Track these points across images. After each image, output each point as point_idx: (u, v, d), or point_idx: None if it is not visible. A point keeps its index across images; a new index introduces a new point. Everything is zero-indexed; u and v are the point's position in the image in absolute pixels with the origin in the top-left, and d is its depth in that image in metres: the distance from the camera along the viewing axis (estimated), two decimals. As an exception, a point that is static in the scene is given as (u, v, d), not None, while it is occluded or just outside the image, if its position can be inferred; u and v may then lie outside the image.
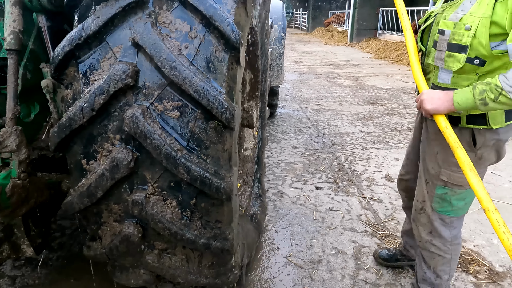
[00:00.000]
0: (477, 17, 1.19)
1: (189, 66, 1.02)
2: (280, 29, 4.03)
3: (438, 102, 1.27)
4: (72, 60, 1.10)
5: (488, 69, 1.25)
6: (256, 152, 2.52)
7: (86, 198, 1.11)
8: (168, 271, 1.26)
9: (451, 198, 1.48)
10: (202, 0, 1.06)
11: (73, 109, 1.06)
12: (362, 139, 4.26)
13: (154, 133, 1.00)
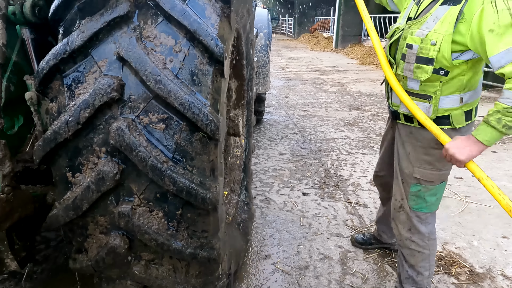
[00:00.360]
0: (441, 34, 1.35)
1: (174, 80, 1.05)
2: (265, 37, 4.10)
3: (468, 152, 1.35)
4: (57, 74, 1.11)
5: (450, 77, 1.42)
6: (243, 160, 2.55)
7: (71, 211, 1.12)
8: (155, 282, 1.27)
9: (425, 194, 1.62)
10: (186, 15, 1.10)
11: (58, 122, 1.07)
12: (347, 145, 4.34)
13: (139, 146, 1.02)
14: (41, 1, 1.38)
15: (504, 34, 1.20)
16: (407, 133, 1.63)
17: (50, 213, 1.19)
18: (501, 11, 1.21)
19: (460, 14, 1.31)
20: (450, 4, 1.35)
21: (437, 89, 1.45)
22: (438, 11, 1.39)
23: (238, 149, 2.64)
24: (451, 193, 3.09)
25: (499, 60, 1.23)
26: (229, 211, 2.18)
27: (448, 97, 1.46)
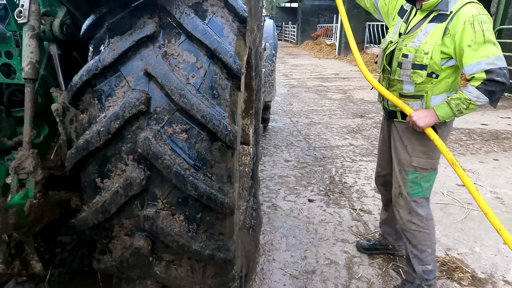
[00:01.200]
0: (431, 45, 1.69)
1: (196, 94, 1.15)
2: (271, 47, 4.23)
3: (426, 120, 1.72)
4: (88, 88, 1.22)
5: (439, 80, 1.75)
6: (251, 167, 2.64)
7: (100, 214, 1.21)
8: (174, 282, 1.36)
9: (420, 180, 1.91)
10: (207, 34, 1.20)
11: (90, 132, 1.17)
12: (351, 152, 4.43)
13: (165, 154, 1.12)
14: (68, 20, 1.50)
15: (477, 50, 1.57)
16: (403, 129, 1.92)
17: (78, 216, 1.29)
18: (477, 31, 1.56)
19: (446, 30, 1.65)
20: (436, 22, 1.70)
21: (429, 89, 1.77)
22: (427, 27, 1.72)
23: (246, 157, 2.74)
24: (453, 200, 3.16)
25: (471, 68, 1.60)
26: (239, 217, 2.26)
27: (438, 96, 1.78)
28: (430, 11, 1.73)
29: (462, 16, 1.60)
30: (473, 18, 1.57)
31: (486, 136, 4.99)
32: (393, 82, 1.88)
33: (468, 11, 1.60)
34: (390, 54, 1.87)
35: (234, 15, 1.29)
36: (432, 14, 1.72)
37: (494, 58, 1.56)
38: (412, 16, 1.83)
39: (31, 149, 1.34)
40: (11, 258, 1.43)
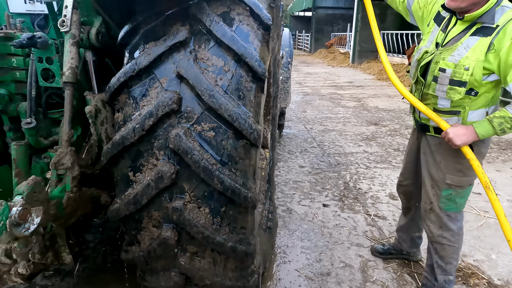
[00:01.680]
0: (473, 60, 1.56)
1: (223, 95, 1.25)
2: (287, 55, 4.34)
3: (464, 138, 1.60)
4: (125, 88, 1.33)
5: (479, 95, 1.64)
6: (268, 172, 2.72)
7: (132, 205, 1.31)
8: (197, 273, 1.44)
9: (455, 197, 1.84)
10: (234, 40, 1.31)
11: (125, 129, 1.28)
12: (366, 159, 4.46)
13: (194, 150, 1.22)
14: (103, 29, 1.63)
15: None
16: (436, 144, 1.83)
17: (111, 207, 1.39)
18: None
19: (490, 45, 1.52)
20: (480, 35, 1.56)
21: (467, 104, 1.66)
22: (469, 40, 1.59)
23: (263, 161, 2.82)
24: (469, 208, 3.15)
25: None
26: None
27: (476, 111, 1.68)
28: (472, 22, 1.60)
29: (510, 30, 1.48)
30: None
31: (503, 145, 4.93)
32: (426, 95, 1.78)
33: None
34: (426, 65, 1.76)
35: (259, 23, 1.39)
36: (475, 26, 1.59)
37: None
38: (451, 25, 1.68)
39: (69, 147, 1.45)
40: (46, 249, 1.54)
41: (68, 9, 1.40)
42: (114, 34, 1.65)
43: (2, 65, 1.64)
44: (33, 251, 1.46)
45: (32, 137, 1.61)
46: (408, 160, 2.17)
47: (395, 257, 2.48)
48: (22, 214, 1.23)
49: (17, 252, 1.42)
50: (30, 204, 1.27)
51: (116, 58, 1.57)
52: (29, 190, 1.28)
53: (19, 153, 1.53)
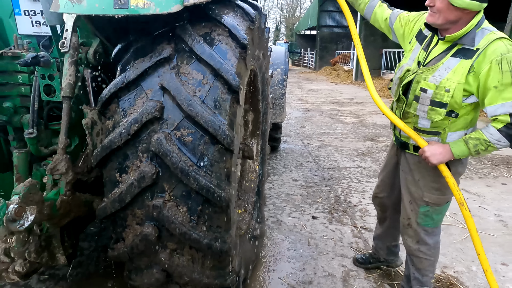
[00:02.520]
0: (454, 82, 1.60)
1: (201, 104, 1.43)
2: (282, 72, 4.58)
3: (440, 157, 1.67)
4: (115, 98, 1.52)
5: (459, 116, 1.69)
6: (257, 184, 2.88)
7: (117, 203, 1.47)
8: (176, 269, 1.58)
9: (432, 214, 1.92)
10: (212, 57, 1.50)
11: (113, 134, 1.46)
12: (359, 173, 4.59)
13: (173, 153, 1.39)
14: (100, 49, 1.83)
15: (503, 91, 1.51)
16: (415, 162, 1.88)
17: (99, 206, 1.56)
18: (505, 72, 1.49)
19: (471, 68, 1.56)
20: (460, 57, 1.60)
21: (447, 125, 1.71)
22: (450, 61, 1.63)
23: (252, 174, 2.98)
24: (455, 222, 3.25)
25: (495, 110, 1.55)
26: (242, 226, 2.47)
27: (455, 133, 1.73)
28: (453, 43, 1.63)
29: (490, 53, 1.51)
30: (502, 57, 1.49)
31: (497, 161, 5.03)
32: (407, 114, 1.82)
33: (496, 48, 1.51)
34: (407, 84, 1.79)
35: (237, 43, 1.59)
36: (455, 47, 1.63)
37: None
38: (433, 45, 1.72)
39: (65, 155, 1.64)
40: (41, 249, 1.69)
41: (68, 32, 1.62)
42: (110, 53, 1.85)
43: (9, 81, 1.86)
44: (29, 250, 1.62)
45: (33, 146, 1.79)
46: (385, 174, 2.27)
47: (374, 266, 2.58)
48: (18, 211, 1.40)
49: (15, 251, 1.58)
50: (25, 203, 1.44)
51: (112, 75, 1.76)
52: (25, 191, 1.45)
53: (20, 160, 1.70)
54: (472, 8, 1.52)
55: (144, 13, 1.38)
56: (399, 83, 1.84)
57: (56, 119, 1.97)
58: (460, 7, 1.51)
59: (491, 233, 3.05)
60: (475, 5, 1.51)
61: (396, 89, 1.87)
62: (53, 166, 1.64)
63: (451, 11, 1.54)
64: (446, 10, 1.55)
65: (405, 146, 1.93)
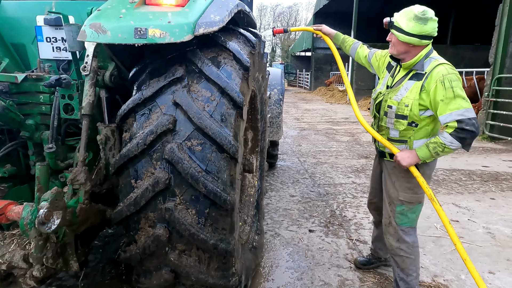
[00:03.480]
0: (411, 99, 2.06)
1: (209, 118, 1.65)
2: (279, 92, 4.87)
3: (408, 160, 2.07)
4: (132, 113, 1.74)
5: (419, 127, 2.12)
6: (256, 198, 3.07)
7: (132, 206, 1.66)
8: (184, 269, 1.75)
9: (407, 212, 2.25)
10: (219, 77, 1.73)
11: (130, 144, 1.67)
12: (353, 189, 4.79)
13: (184, 160, 1.59)
14: (115, 72, 2.05)
15: (449, 103, 1.92)
16: (392, 167, 2.28)
17: (115, 210, 1.74)
18: (447, 88, 1.92)
19: (422, 87, 2.01)
20: (414, 80, 2.07)
21: (411, 135, 2.13)
22: (407, 83, 2.10)
23: (252, 189, 3.18)
24: (445, 234, 3.44)
25: (445, 118, 1.94)
26: (243, 237, 2.64)
27: (419, 141, 2.13)
28: (409, 70, 2.10)
29: (435, 75, 1.95)
30: (443, 78, 1.92)
31: (486, 177, 5.27)
32: (381, 127, 2.26)
33: (439, 71, 1.95)
34: (379, 103, 2.25)
35: (240, 65, 1.84)
36: (411, 72, 2.09)
37: (463, 110, 1.88)
38: (397, 71, 2.20)
39: (84, 167, 1.83)
40: (57, 256, 1.84)
41: (89, 57, 1.85)
42: (124, 76, 2.08)
43: (32, 100, 2.07)
44: (47, 256, 1.77)
45: (52, 160, 1.97)
46: (374, 181, 2.65)
47: (376, 265, 2.85)
48: (47, 215, 1.58)
49: (33, 257, 1.74)
50: (52, 208, 1.62)
51: (125, 95, 1.96)
52: (52, 197, 1.63)
53: (42, 172, 1.85)
54: (413, 43, 2.01)
55: (160, 42, 1.62)
56: (374, 103, 2.31)
57: (72, 135, 2.17)
58: (404, 41, 2.02)
59: (479, 244, 3.24)
60: (414, 41, 2.00)
61: (372, 108, 2.33)
62: (73, 177, 1.82)
63: (401, 44, 2.06)
64: (397, 44, 2.07)
65: (383, 155, 2.33)
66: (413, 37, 1.98)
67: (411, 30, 1.97)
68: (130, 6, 1.75)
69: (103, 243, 3.14)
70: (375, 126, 2.34)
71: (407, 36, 1.99)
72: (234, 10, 1.97)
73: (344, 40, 2.70)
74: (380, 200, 2.56)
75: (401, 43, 2.05)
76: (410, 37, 1.99)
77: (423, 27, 1.96)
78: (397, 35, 2.03)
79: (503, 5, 7.75)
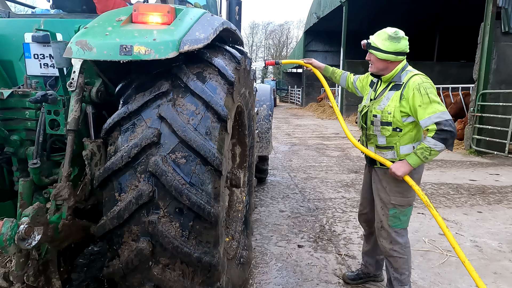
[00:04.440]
0: (393, 107, 2.29)
1: (194, 131, 1.69)
2: (268, 108, 4.96)
3: (402, 169, 2.23)
4: (117, 127, 1.77)
5: (403, 133, 2.32)
6: (244, 214, 3.08)
7: (115, 219, 1.66)
8: (168, 284, 1.74)
9: (399, 215, 2.42)
10: (204, 91, 1.79)
11: (115, 157, 1.69)
12: (343, 204, 4.82)
13: (168, 172, 1.62)
14: (102, 88, 2.09)
15: (426, 108, 2.16)
16: (382, 173, 2.44)
17: (98, 224, 1.74)
18: (423, 95, 2.17)
19: (401, 96, 2.27)
20: (394, 90, 2.32)
21: (397, 140, 2.33)
22: (388, 94, 2.35)
23: (240, 204, 3.19)
24: (434, 248, 3.48)
25: (425, 122, 2.16)
26: (230, 252, 2.63)
27: (405, 146, 2.33)
28: (389, 82, 2.36)
29: (411, 84, 2.22)
30: (419, 86, 2.18)
31: (473, 190, 5.37)
32: (369, 136, 2.45)
33: (414, 80, 2.22)
34: (365, 115, 2.47)
35: (225, 80, 1.89)
36: (390, 84, 2.35)
37: (440, 113, 2.11)
38: (378, 85, 2.46)
39: (68, 182, 1.83)
40: (39, 273, 1.82)
41: (75, 74, 1.89)
42: (111, 92, 2.12)
43: (18, 116, 2.09)
44: (28, 273, 1.75)
45: (36, 176, 1.97)
46: (365, 191, 2.75)
47: (364, 281, 2.87)
48: (27, 231, 1.58)
49: (14, 275, 1.71)
50: (33, 224, 1.62)
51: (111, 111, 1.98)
52: (33, 213, 1.63)
53: (25, 187, 1.85)
54: (391, 59, 2.27)
55: (145, 59, 1.67)
56: (360, 116, 2.55)
57: (57, 151, 2.17)
58: (382, 59, 2.27)
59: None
60: (391, 57, 2.26)
61: (359, 121, 2.56)
62: (57, 192, 1.82)
63: (379, 62, 2.31)
64: (376, 61, 2.32)
65: (374, 162, 2.49)
66: (389, 54, 2.25)
67: (387, 49, 2.23)
68: (116, 24, 1.81)
69: (88, 261, 3.09)
70: (364, 137, 2.54)
71: (385, 54, 2.25)
72: (220, 28, 2.05)
73: (333, 72, 3.00)
74: (371, 211, 2.65)
75: (380, 61, 2.30)
76: (387, 54, 2.25)
77: (397, 45, 2.23)
78: (376, 54, 2.28)
79: (484, 23, 8.10)
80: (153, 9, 1.88)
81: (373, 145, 2.44)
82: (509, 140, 7.58)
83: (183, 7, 2.05)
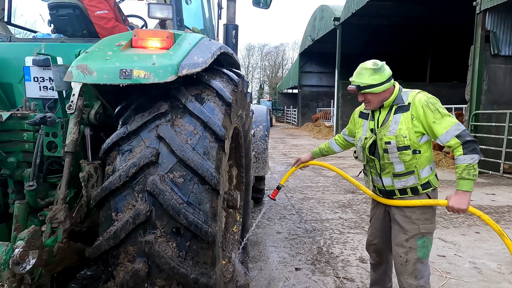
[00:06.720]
0: (406, 129, 2.23)
1: (192, 151, 1.73)
2: (264, 128, 5.04)
3: (464, 201, 2.09)
4: (116, 147, 1.80)
5: (421, 153, 2.25)
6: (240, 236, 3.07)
7: (112, 240, 1.67)
8: (163, 307, 1.72)
9: (427, 243, 2.32)
10: (202, 112, 1.84)
11: (113, 177, 1.71)
12: (340, 225, 4.81)
13: (165, 192, 1.64)
14: (101, 110, 2.14)
15: (441, 123, 2.14)
16: (401, 208, 2.32)
17: (94, 244, 1.74)
18: (434, 110, 2.17)
19: (412, 116, 2.23)
20: (400, 112, 2.27)
21: (416, 163, 2.25)
22: (395, 117, 2.28)
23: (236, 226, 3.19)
24: (433, 270, 3.46)
25: (445, 137, 2.13)
26: (227, 275, 2.61)
27: (424, 169, 2.27)
28: (391, 106, 2.31)
29: (417, 103, 2.21)
30: (427, 103, 2.19)
31: (470, 211, 5.38)
32: (384, 166, 2.32)
33: (420, 98, 2.23)
34: (372, 146, 2.36)
35: (223, 101, 1.95)
36: (393, 107, 2.29)
37: (456, 125, 2.11)
38: (377, 114, 2.36)
39: (64, 204, 1.84)
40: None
41: (75, 96, 1.94)
42: (109, 114, 2.16)
43: (15, 138, 2.11)
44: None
45: (32, 198, 1.97)
46: (376, 222, 2.64)
47: None
48: (22, 255, 1.57)
49: None
50: (28, 248, 1.61)
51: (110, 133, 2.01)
52: (29, 236, 1.62)
53: (20, 210, 1.86)
54: (387, 87, 2.26)
55: (144, 82, 1.72)
56: (363, 150, 2.42)
57: (53, 173, 2.19)
58: (381, 91, 2.26)
59: (466, 280, 3.27)
60: (387, 86, 2.25)
61: (363, 155, 2.43)
62: (52, 215, 1.82)
63: (379, 96, 2.27)
64: (375, 97, 2.28)
65: (393, 193, 2.37)
66: (384, 84, 2.24)
67: (379, 81, 2.23)
68: (116, 49, 1.88)
69: (80, 286, 3.03)
70: (373, 170, 2.42)
71: (381, 86, 2.24)
72: (217, 52, 2.13)
73: (322, 150, 2.96)
74: (383, 242, 2.59)
75: (379, 95, 2.27)
76: (383, 85, 2.24)
77: (384, 73, 2.24)
78: (372, 91, 2.24)
79: (474, 46, 8.39)
80: (152, 34, 1.96)
81: (390, 175, 2.32)
82: (503, 160, 7.70)
83: (181, 32, 2.14)
